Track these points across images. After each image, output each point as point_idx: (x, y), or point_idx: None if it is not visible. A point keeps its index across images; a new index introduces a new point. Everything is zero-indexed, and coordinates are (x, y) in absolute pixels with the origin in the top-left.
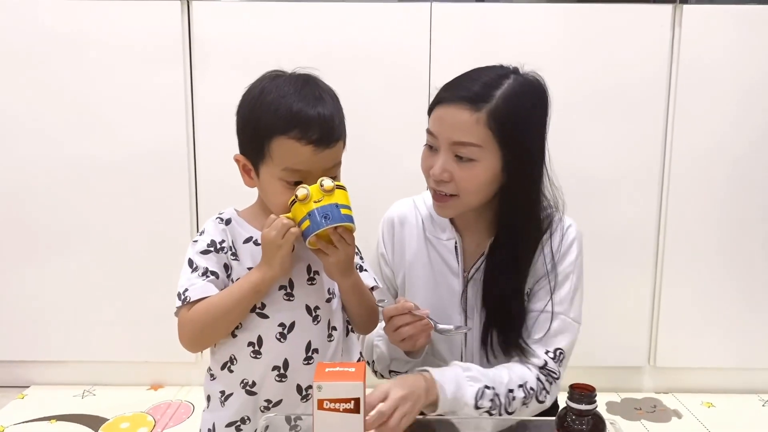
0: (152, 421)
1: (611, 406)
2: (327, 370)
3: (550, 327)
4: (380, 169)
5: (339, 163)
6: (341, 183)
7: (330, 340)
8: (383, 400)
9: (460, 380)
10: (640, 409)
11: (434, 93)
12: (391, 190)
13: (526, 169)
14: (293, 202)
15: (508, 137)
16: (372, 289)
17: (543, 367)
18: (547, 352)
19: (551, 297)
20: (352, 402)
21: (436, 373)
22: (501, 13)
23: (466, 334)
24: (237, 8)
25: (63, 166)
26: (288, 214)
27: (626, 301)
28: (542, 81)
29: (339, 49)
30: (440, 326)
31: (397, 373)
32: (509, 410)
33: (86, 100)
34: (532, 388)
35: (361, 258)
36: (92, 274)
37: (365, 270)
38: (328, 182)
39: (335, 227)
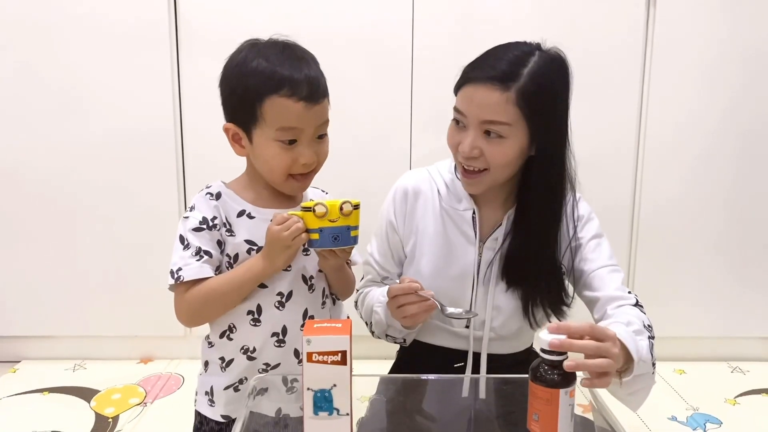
0: (143, 392)
1: None
2: (315, 326)
3: (618, 278)
4: (366, 145)
5: (327, 121)
6: (358, 201)
7: (323, 308)
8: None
9: (631, 336)
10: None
11: (418, 70)
12: (376, 164)
13: (552, 143)
14: (306, 209)
15: (536, 114)
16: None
17: (637, 303)
18: (629, 292)
19: (590, 257)
20: (339, 354)
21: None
22: None
23: (474, 292)
24: None
25: (51, 145)
26: (297, 213)
27: None
28: (564, 56)
29: (324, 29)
30: (449, 310)
31: (393, 338)
32: (654, 363)
33: (72, 80)
34: (649, 326)
35: None
36: (82, 250)
37: None
38: (348, 207)
39: None
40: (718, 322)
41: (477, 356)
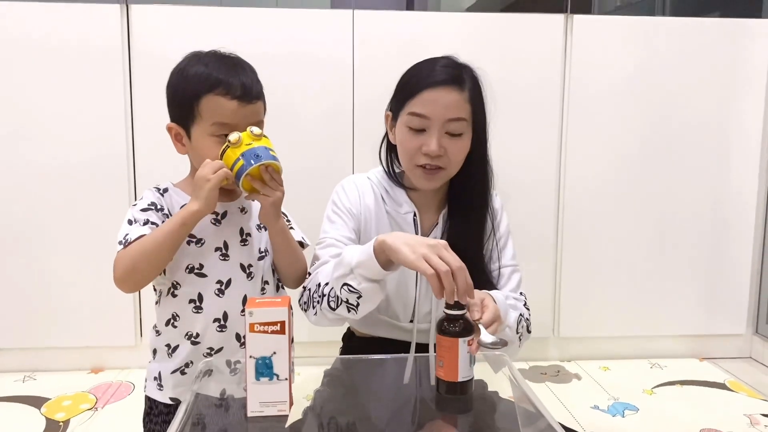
0: (94, 398)
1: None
2: (257, 300)
3: (517, 279)
4: (308, 155)
5: (262, 122)
6: (266, 134)
7: (263, 293)
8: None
9: (504, 303)
10: (546, 373)
11: (360, 89)
12: (317, 172)
13: (482, 141)
14: (224, 150)
15: (478, 113)
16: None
17: (525, 304)
18: (521, 294)
19: (500, 254)
20: (279, 324)
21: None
22: (413, 20)
23: (418, 288)
24: (175, 12)
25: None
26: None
27: (532, 282)
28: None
29: (271, 51)
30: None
31: (350, 286)
32: (521, 338)
33: (24, 104)
34: (527, 319)
35: (288, 219)
36: (30, 263)
37: (293, 228)
38: (257, 129)
39: (266, 166)
40: (638, 323)
41: (419, 349)
